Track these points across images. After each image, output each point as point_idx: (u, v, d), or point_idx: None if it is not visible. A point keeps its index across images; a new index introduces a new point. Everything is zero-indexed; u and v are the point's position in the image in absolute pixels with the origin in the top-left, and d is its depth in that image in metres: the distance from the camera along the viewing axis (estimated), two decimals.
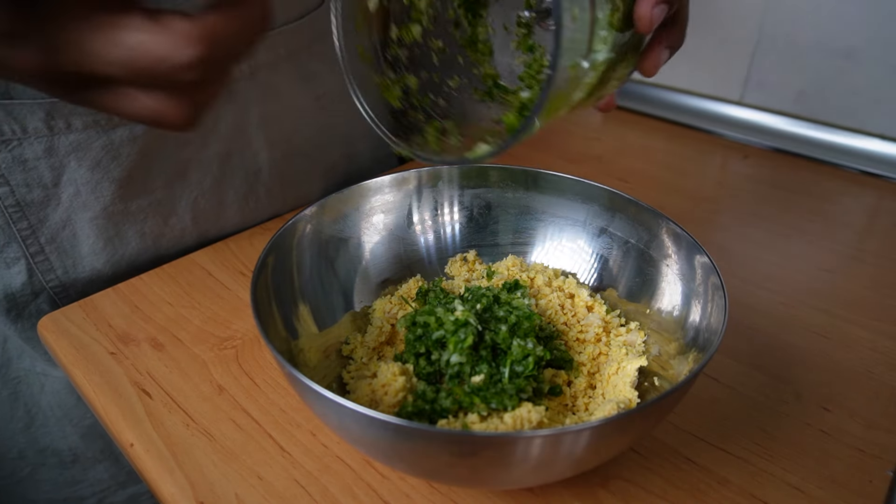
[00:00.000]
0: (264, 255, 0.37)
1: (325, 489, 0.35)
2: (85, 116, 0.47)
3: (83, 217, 0.50)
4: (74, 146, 0.48)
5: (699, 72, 0.83)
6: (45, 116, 0.46)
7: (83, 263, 0.52)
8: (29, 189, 0.48)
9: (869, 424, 0.40)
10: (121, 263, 0.54)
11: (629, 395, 0.36)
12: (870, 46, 0.68)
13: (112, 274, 0.54)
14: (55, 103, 0.45)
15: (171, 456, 0.37)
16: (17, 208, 0.48)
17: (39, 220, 0.49)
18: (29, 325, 0.52)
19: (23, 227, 0.48)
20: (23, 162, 0.47)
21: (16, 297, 0.51)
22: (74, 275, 0.52)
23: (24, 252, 0.49)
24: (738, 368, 0.44)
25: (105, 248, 0.53)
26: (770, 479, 0.36)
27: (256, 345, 0.46)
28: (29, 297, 0.51)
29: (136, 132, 0.49)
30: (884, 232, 0.61)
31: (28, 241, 0.49)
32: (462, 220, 0.49)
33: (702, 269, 0.37)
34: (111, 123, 0.48)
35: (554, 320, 0.43)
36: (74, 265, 0.52)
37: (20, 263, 0.50)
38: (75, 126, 0.47)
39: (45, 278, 0.51)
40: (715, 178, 0.72)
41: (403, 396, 0.35)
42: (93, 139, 0.48)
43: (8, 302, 0.51)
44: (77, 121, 0.47)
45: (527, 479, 0.31)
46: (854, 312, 0.50)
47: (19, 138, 0.46)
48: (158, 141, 0.51)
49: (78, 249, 0.51)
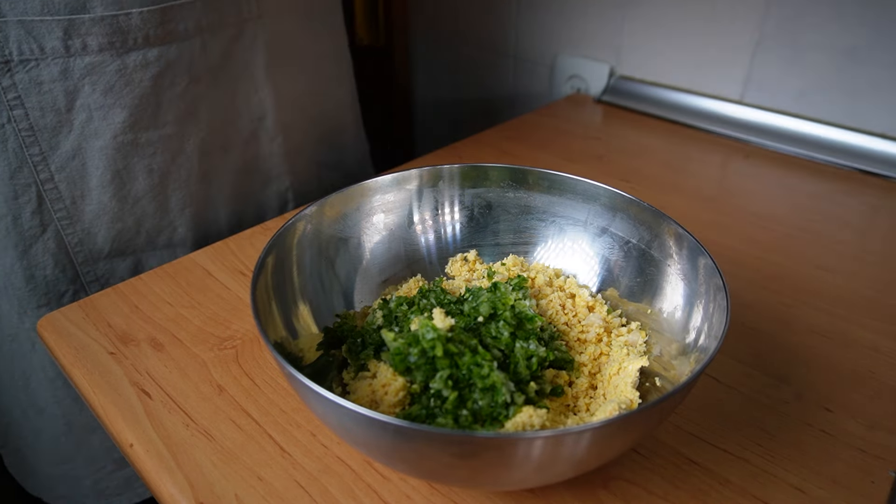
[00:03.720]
0: (264, 255, 0.37)
1: (326, 490, 0.35)
2: (100, 38, 0.48)
3: (93, 146, 0.52)
4: (89, 69, 0.49)
5: (700, 71, 0.82)
6: (63, 35, 0.47)
7: (91, 196, 0.54)
8: (42, 113, 0.49)
9: (870, 424, 0.40)
10: (126, 199, 0.55)
11: (631, 395, 0.36)
12: (870, 45, 0.68)
13: (119, 210, 0.56)
14: (73, 21, 0.47)
15: (170, 456, 0.37)
16: (30, 132, 0.49)
17: (51, 146, 0.50)
18: (34, 262, 0.53)
19: (34, 153, 0.50)
20: (38, 84, 0.48)
21: (24, 228, 0.52)
22: (82, 206, 0.54)
23: (35, 178, 0.51)
24: (739, 369, 0.44)
25: (112, 181, 0.54)
26: (771, 480, 0.36)
27: (256, 345, 0.46)
28: (37, 230, 0.52)
29: (148, 58, 0.51)
30: (885, 232, 0.61)
31: (39, 167, 0.50)
32: (463, 220, 0.48)
33: (704, 269, 0.37)
34: (125, 47, 0.50)
35: (555, 320, 0.42)
36: (82, 196, 0.53)
37: (31, 191, 0.51)
38: (91, 47, 0.48)
39: (54, 207, 0.52)
40: (716, 177, 0.72)
41: (403, 396, 0.35)
42: (107, 62, 0.49)
43: (17, 233, 0.52)
44: (93, 41, 0.48)
45: (528, 480, 0.31)
46: (855, 312, 0.50)
47: (37, 58, 0.47)
48: (171, 71, 0.53)
49: (86, 181, 0.53)
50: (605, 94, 0.91)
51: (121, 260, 0.58)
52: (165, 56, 0.52)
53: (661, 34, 0.84)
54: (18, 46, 0.46)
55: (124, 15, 0.48)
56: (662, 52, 0.85)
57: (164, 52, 0.52)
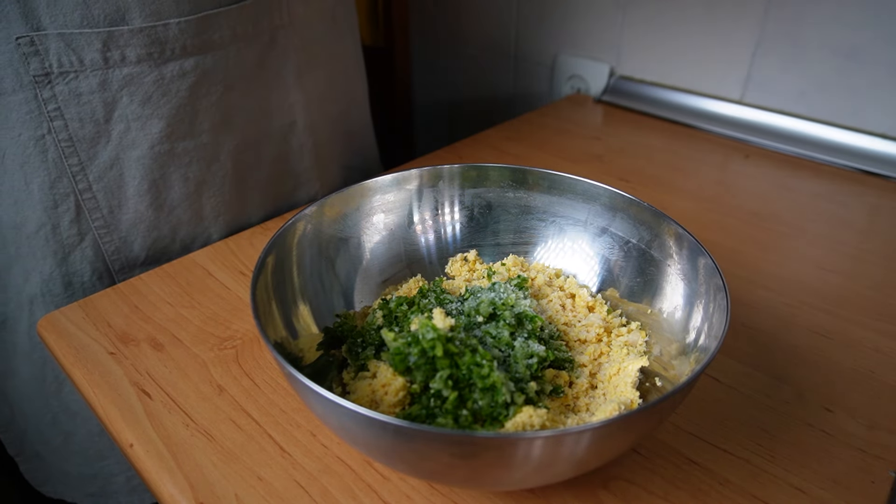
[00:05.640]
0: (264, 255, 0.37)
1: (326, 490, 0.35)
2: (139, 49, 0.49)
3: (130, 156, 0.53)
4: (127, 80, 0.50)
5: (700, 71, 0.82)
6: (102, 47, 0.48)
7: (128, 205, 0.55)
8: (81, 124, 0.50)
9: (871, 425, 0.40)
10: (163, 208, 0.56)
11: (631, 395, 0.36)
12: (871, 45, 0.68)
13: (155, 218, 0.57)
14: (112, 33, 0.48)
15: (170, 456, 0.37)
16: (69, 143, 0.50)
17: (89, 157, 0.51)
18: (72, 270, 0.55)
19: (73, 163, 0.51)
20: (77, 95, 0.49)
21: (63, 237, 0.53)
22: (119, 215, 0.55)
23: (73, 188, 0.52)
24: (739, 369, 0.44)
25: (149, 191, 0.55)
26: (771, 480, 0.36)
27: (256, 345, 0.46)
28: (76, 239, 0.54)
29: (185, 67, 0.52)
30: (885, 232, 0.61)
31: (77, 177, 0.51)
32: (463, 220, 0.48)
33: (704, 269, 0.37)
34: (163, 57, 0.51)
35: (555, 320, 0.42)
36: (119, 205, 0.54)
37: (69, 200, 0.52)
38: (129, 59, 0.49)
39: (92, 217, 0.53)
40: (716, 177, 0.72)
41: (403, 396, 0.35)
42: (145, 73, 0.50)
43: (56, 241, 0.53)
44: (131, 53, 0.49)
45: (528, 480, 0.31)
46: (856, 312, 0.50)
47: (76, 70, 0.48)
48: (206, 80, 0.54)
49: (123, 190, 0.54)
50: (605, 94, 0.91)
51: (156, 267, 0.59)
52: (202, 65, 0.53)
53: (661, 34, 0.84)
54: (58, 59, 0.47)
55: (162, 25, 0.49)
56: (662, 52, 0.85)
57: (201, 61, 0.53)
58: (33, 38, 0.46)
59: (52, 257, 0.54)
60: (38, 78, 0.47)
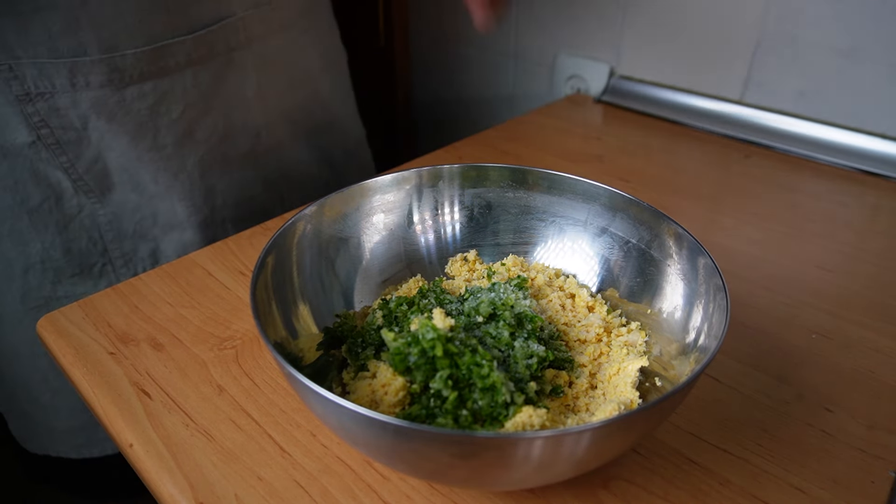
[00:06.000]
0: (264, 255, 0.37)
1: (326, 490, 0.35)
2: (100, 76, 0.55)
3: (109, 156, 0.59)
4: (93, 101, 0.55)
5: (700, 71, 0.82)
6: (69, 74, 0.53)
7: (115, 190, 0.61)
8: (65, 131, 0.56)
9: (871, 425, 0.40)
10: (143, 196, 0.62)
11: (630, 395, 0.36)
12: (871, 45, 0.68)
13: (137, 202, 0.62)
14: (76, 62, 0.53)
15: (170, 456, 0.37)
16: (57, 146, 0.56)
17: (76, 154, 0.58)
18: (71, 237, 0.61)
19: (64, 161, 0.57)
20: (56, 110, 0.55)
21: (65, 208, 0.59)
22: (109, 196, 0.61)
23: (68, 177, 0.58)
24: (739, 369, 0.44)
25: (129, 182, 0.61)
26: (771, 480, 0.36)
27: (256, 345, 0.46)
28: (75, 210, 0.60)
29: (144, 90, 0.57)
30: (884, 232, 0.61)
31: (69, 170, 0.58)
32: (462, 220, 0.48)
33: (704, 269, 0.37)
34: (123, 83, 0.56)
35: (555, 320, 0.42)
36: (109, 189, 0.61)
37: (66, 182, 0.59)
38: (93, 84, 0.55)
39: (88, 196, 0.60)
40: (715, 177, 0.72)
41: (403, 396, 0.35)
42: (108, 95, 0.56)
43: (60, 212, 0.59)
44: (94, 79, 0.54)
45: (528, 480, 0.31)
46: (856, 312, 0.50)
47: (51, 91, 0.54)
48: (165, 100, 0.59)
49: (109, 179, 0.60)
50: (605, 94, 0.91)
51: (143, 242, 0.65)
52: (160, 88, 0.58)
53: (661, 34, 0.84)
54: (34, 83, 0.53)
55: (119, 56, 0.54)
56: (662, 51, 0.85)
57: (159, 84, 0.58)
58: (11, 65, 0.52)
59: (54, 226, 0.59)
60: (21, 97, 0.53)
